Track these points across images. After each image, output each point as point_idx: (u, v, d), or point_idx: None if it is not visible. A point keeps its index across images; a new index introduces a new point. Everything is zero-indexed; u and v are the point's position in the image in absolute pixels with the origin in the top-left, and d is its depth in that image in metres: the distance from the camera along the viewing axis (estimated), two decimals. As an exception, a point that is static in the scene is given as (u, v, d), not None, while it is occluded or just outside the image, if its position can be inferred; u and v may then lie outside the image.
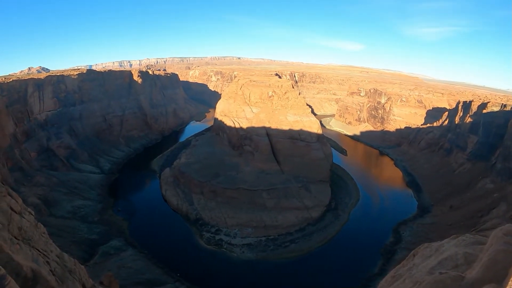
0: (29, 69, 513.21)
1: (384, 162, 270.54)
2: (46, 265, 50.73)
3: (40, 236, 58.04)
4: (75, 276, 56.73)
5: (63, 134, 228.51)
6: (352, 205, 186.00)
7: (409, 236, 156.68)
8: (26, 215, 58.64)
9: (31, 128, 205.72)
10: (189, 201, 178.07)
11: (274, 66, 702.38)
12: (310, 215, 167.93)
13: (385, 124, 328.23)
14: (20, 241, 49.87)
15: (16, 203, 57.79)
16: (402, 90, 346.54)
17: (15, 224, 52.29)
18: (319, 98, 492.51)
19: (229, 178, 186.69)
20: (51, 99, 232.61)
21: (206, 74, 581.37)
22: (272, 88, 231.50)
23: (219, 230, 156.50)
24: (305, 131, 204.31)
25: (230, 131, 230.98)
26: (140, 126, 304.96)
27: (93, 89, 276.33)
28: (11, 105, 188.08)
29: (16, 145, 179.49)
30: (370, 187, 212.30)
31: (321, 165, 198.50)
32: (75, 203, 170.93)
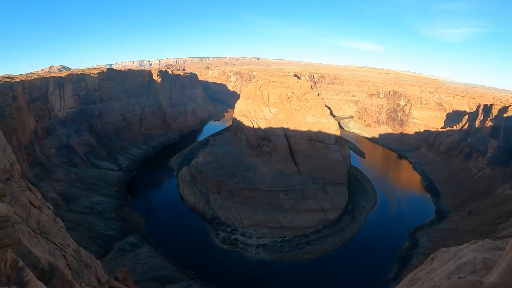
0: (50, 68, 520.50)
1: (402, 166, 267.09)
2: (63, 258, 51.29)
3: (58, 231, 58.68)
4: (90, 270, 57.23)
5: (83, 131, 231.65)
6: (369, 208, 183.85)
7: (426, 241, 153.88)
8: (45, 210, 59.36)
9: (52, 125, 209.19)
10: (206, 200, 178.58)
11: (293, 67, 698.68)
12: (327, 217, 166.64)
13: (404, 127, 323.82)
14: (38, 235, 50.48)
15: (35, 198, 58.60)
16: (422, 92, 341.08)
17: (34, 218, 52.98)
18: (338, 99, 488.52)
19: (246, 178, 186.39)
20: (71, 97, 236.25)
21: (225, 74, 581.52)
22: (291, 89, 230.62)
23: (235, 229, 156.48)
24: (323, 133, 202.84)
25: (248, 131, 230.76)
26: (159, 124, 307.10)
27: (113, 88, 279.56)
28: (32, 103, 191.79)
29: (36, 141, 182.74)
30: (388, 191, 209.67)
31: (339, 167, 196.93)
32: (93, 199, 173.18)
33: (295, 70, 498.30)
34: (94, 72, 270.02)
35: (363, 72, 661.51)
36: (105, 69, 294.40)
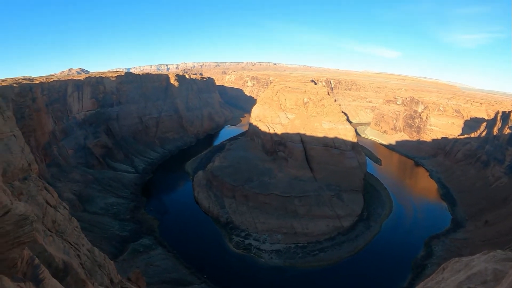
0: (69, 70, 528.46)
1: (419, 173, 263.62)
2: (77, 258, 51.57)
3: (73, 230, 59.03)
4: (104, 270, 57.43)
5: (100, 133, 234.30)
6: (384, 216, 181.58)
7: (441, 251, 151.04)
8: (61, 209, 59.79)
9: (70, 127, 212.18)
10: (221, 204, 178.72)
11: (310, 73, 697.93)
12: (341, 224, 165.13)
13: (421, 134, 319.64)
14: (53, 234, 50.83)
15: (51, 197, 59.07)
16: (439, 99, 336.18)
17: (49, 217, 53.41)
18: (354, 105, 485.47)
19: (261, 183, 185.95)
20: (89, 99, 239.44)
21: (242, 79, 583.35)
22: (308, 94, 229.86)
23: (249, 234, 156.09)
24: (339, 139, 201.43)
25: (264, 136, 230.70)
26: (175, 128, 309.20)
27: (130, 91, 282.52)
28: (51, 104, 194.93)
29: (54, 142, 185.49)
30: (404, 198, 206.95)
31: (354, 174, 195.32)
32: (108, 200, 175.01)
33: (312, 76, 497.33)
34: (112, 75, 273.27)
35: (380, 78, 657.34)
36: (123, 72, 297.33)
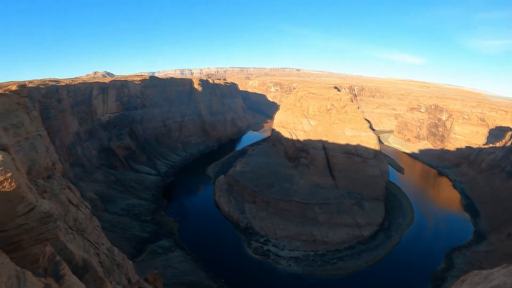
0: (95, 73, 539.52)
1: (442, 183, 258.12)
2: (96, 256, 52.13)
3: (93, 229, 59.74)
4: (122, 270, 57.89)
5: (124, 135, 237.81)
6: (405, 226, 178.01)
7: (462, 263, 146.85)
8: (83, 208, 60.60)
9: (94, 128, 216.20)
10: (241, 209, 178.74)
11: (333, 79, 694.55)
12: (362, 233, 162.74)
13: (445, 143, 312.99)
14: (74, 232, 51.51)
15: (74, 196, 59.96)
16: (464, 107, 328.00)
17: (71, 216, 54.18)
18: (378, 113, 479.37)
19: (282, 189, 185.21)
20: (114, 102, 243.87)
21: (265, 85, 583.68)
22: (331, 101, 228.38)
23: (268, 240, 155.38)
24: (362, 147, 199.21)
25: (287, 142, 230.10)
26: (198, 132, 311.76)
27: (154, 95, 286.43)
28: (76, 106, 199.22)
29: (78, 142, 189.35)
30: (426, 208, 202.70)
31: (376, 182, 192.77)
32: (129, 201, 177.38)
33: (335, 82, 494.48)
34: (137, 79, 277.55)
35: (404, 85, 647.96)
36: (147, 76, 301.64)
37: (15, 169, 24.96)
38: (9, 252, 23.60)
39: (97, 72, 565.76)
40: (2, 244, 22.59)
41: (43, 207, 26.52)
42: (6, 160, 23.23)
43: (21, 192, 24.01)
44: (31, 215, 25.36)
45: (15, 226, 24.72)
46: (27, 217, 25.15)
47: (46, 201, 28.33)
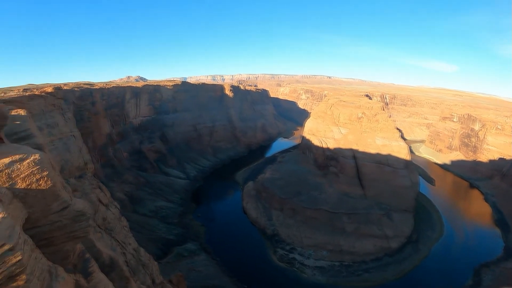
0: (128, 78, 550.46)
1: (473, 196, 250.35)
2: (123, 255, 53.26)
3: (121, 229, 61.10)
4: (147, 270, 58.95)
5: (155, 139, 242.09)
6: (434, 239, 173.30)
7: (490, 280, 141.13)
8: (112, 208, 62.17)
9: (126, 131, 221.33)
10: (268, 216, 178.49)
11: (364, 87, 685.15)
12: (389, 245, 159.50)
13: (478, 154, 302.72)
14: (102, 230, 52.88)
15: (104, 196, 61.66)
16: (497, 116, 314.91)
17: (100, 215, 55.74)
18: (409, 122, 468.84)
19: (311, 197, 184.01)
20: (146, 106, 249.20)
21: (296, 92, 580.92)
22: (362, 109, 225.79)
23: (294, 248, 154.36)
24: (393, 156, 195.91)
25: (316, 150, 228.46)
26: (228, 138, 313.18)
27: (186, 100, 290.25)
28: (109, 109, 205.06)
29: (110, 144, 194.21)
30: (456, 222, 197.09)
31: (406, 193, 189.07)
32: (158, 204, 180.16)
33: (366, 90, 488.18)
34: (169, 84, 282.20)
35: (436, 93, 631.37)
36: (179, 81, 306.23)
37: (51, 168, 26.03)
38: (41, 247, 24.59)
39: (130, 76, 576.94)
40: (36, 240, 23.49)
41: (76, 206, 27.49)
42: (43, 159, 24.27)
43: (56, 190, 24.99)
44: (64, 213, 26.30)
45: (49, 223, 25.69)
46: (61, 214, 26.10)
47: (79, 200, 29.37)
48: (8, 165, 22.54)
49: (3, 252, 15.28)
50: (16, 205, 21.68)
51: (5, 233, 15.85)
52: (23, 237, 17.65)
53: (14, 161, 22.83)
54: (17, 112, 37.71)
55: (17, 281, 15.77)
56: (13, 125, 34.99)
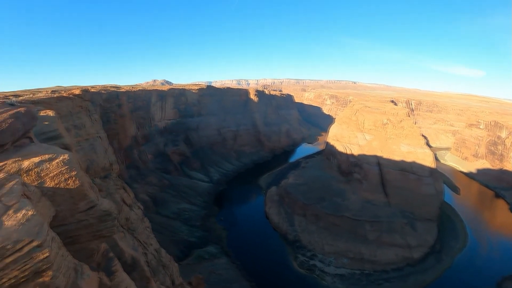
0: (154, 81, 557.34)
1: (498, 206, 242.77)
2: (144, 256, 54.08)
3: (144, 229, 62.09)
4: (167, 271, 59.71)
5: (179, 142, 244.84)
6: (457, 250, 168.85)
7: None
8: (135, 209, 63.29)
9: (151, 133, 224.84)
10: (290, 221, 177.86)
11: (389, 92, 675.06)
12: (411, 255, 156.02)
13: (504, 162, 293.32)
14: (125, 230, 53.93)
15: (128, 197, 62.83)
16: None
17: (124, 215, 56.84)
18: (435, 128, 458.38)
19: (334, 204, 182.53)
20: (172, 109, 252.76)
21: (321, 97, 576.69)
22: (387, 115, 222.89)
23: (315, 255, 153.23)
24: (417, 164, 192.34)
25: (340, 156, 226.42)
26: (252, 142, 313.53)
27: (211, 104, 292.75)
28: (135, 111, 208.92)
29: (135, 146, 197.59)
30: (480, 233, 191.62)
31: (430, 202, 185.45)
32: (181, 206, 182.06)
33: (392, 96, 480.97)
34: (194, 88, 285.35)
35: (463, 99, 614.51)
36: (204, 86, 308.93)
37: (79, 168, 26.87)
38: (67, 245, 25.34)
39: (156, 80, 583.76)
40: (62, 237, 24.13)
41: (103, 206, 28.22)
42: (71, 159, 25.06)
43: (84, 190, 25.76)
44: (91, 212, 27.06)
45: (75, 221, 26.48)
46: (87, 213, 26.87)
47: (106, 200, 30.13)
48: (37, 164, 23.37)
49: (31, 249, 15.89)
50: (45, 203, 22.46)
51: (33, 230, 16.48)
52: (51, 234, 18.30)
53: (43, 160, 23.65)
54: (45, 113, 38.88)
55: (43, 277, 16.36)
56: (42, 125, 36.09)
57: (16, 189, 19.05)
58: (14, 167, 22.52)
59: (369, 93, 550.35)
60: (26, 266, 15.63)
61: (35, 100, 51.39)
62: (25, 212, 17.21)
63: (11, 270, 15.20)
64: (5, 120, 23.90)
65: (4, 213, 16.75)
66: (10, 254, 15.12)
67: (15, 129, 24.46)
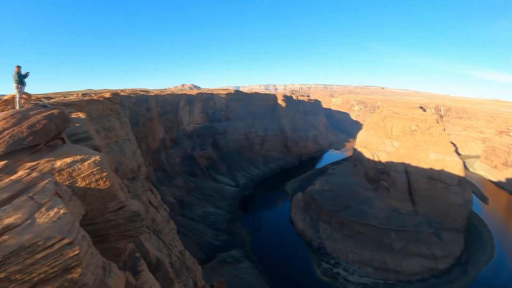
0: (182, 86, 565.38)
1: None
2: (168, 257, 54.91)
3: (169, 231, 63.07)
4: (190, 273, 60.41)
5: (207, 146, 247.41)
6: (484, 262, 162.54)
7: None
8: (161, 211, 64.38)
9: (179, 137, 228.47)
10: (315, 228, 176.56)
11: (418, 98, 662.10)
12: (437, 266, 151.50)
13: None
14: (151, 231, 54.92)
15: (155, 198, 63.96)
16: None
17: (150, 216, 57.94)
18: (464, 135, 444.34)
19: (359, 211, 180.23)
20: (199, 113, 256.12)
21: (349, 103, 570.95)
22: (416, 121, 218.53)
23: (339, 263, 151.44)
24: (446, 172, 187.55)
25: (368, 163, 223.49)
26: (279, 147, 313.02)
27: (239, 109, 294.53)
28: (163, 115, 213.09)
29: (163, 149, 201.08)
30: (508, 244, 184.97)
31: (458, 212, 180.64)
32: (206, 209, 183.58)
33: (420, 102, 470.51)
34: (222, 92, 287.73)
35: (493, 105, 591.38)
36: (232, 90, 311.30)
37: (110, 169, 27.64)
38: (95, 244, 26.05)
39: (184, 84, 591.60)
40: (91, 236, 24.78)
41: (132, 207, 28.90)
42: (102, 160, 25.79)
43: (114, 191, 26.46)
44: (120, 213, 27.76)
45: (105, 221, 27.23)
46: (117, 214, 27.58)
47: (135, 202, 30.86)
48: (69, 164, 24.19)
49: (62, 246, 16.45)
50: (75, 202, 23.23)
51: (65, 228, 17.08)
52: (81, 232, 18.87)
53: (75, 161, 24.46)
54: (77, 115, 40.17)
55: (72, 274, 16.89)
56: (73, 127, 37.26)
57: (48, 187, 19.79)
58: (47, 166, 23.35)
59: (398, 99, 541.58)
60: (56, 263, 16.19)
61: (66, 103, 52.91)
62: (57, 210, 17.87)
63: (41, 266, 15.80)
64: (39, 121, 24.84)
65: (37, 211, 17.43)
66: (41, 250, 15.74)
67: (49, 130, 25.37)
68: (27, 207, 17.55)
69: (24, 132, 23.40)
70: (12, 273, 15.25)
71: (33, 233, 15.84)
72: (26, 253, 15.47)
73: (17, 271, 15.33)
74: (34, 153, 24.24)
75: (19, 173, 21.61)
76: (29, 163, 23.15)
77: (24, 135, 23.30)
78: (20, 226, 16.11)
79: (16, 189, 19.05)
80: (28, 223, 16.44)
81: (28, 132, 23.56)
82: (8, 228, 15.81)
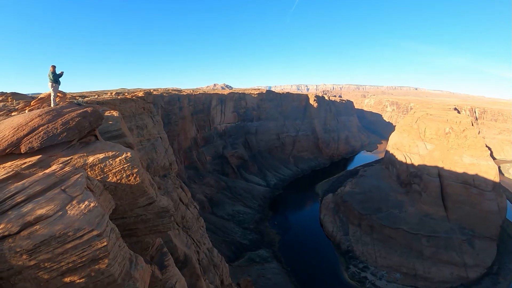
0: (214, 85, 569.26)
1: None
2: (196, 254, 55.75)
3: (198, 228, 63.99)
4: (217, 271, 61.09)
5: (238, 145, 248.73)
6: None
7: None
8: (191, 208, 65.38)
9: (210, 136, 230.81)
10: (345, 231, 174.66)
11: (453, 99, 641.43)
12: (467, 275, 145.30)
13: None
14: (180, 228, 55.90)
15: (185, 196, 65.05)
16: None
17: (180, 213, 58.91)
18: (500, 139, 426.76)
19: (390, 215, 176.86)
20: (231, 113, 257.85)
21: (381, 104, 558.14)
22: (450, 124, 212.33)
23: (367, 267, 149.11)
24: (480, 177, 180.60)
25: (400, 166, 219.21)
26: (311, 148, 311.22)
27: (270, 109, 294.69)
28: (195, 114, 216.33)
29: (195, 147, 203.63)
30: None
31: (492, 219, 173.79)
32: (236, 208, 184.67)
33: (455, 103, 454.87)
34: (254, 92, 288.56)
35: None
36: (264, 90, 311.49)
37: (141, 166, 28.41)
38: (124, 237, 26.81)
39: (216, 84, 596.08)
40: (120, 229, 25.43)
41: (161, 203, 29.55)
42: (133, 157, 26.51)
43: (144, 187, 27.18)
44: (149, 208, 28.48)
45: (134, 215, 28.00)
46: (146, 209, 28.31)
47: (164, 198, 31.55)
48: (101, 160, 25.06)
49: (91, 237, 17.16)
50: (106, 196, 24.03)
51: (94, 220, 17.81)
52: (110, 225, 19.49)
53: (107, 157, 25.30)
54: (110, 113, 41.34)
55: (99, 264, 17.57)
56: (106, 124, 38.43)
57: (80, 181, 20.63)
58: (80, 161, 24.26)
59: (432, 100, 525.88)
60: (84, 253, 16.89)
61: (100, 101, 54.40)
62: (88, 203, 18.64)
63: (70, 256, 16.55)
64: (72, 119, 25.81)
65: (68, 203, 18.23)
66: (71, 241, 16.48)
67: (82, 127, 26.31)
68: (59, 199, 18.34)
69: (58, 129, 24.33)
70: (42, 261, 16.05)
71: (63, 224, 16.59)
72: (56, 242, 16.23)
73: (46, 260, 16.12)
74: (68, 148, 25.17)
75: (52, 167, 22.53)
76: (63, 158, 24.05)
77: (58, 132, 24.22)
78: (51, 217, 16.89)
79: (49, 182, 19.91)
80: (60, 214, 17.20)
81: (62, 129, 24.47)
82: (40, 219, 16.63)
